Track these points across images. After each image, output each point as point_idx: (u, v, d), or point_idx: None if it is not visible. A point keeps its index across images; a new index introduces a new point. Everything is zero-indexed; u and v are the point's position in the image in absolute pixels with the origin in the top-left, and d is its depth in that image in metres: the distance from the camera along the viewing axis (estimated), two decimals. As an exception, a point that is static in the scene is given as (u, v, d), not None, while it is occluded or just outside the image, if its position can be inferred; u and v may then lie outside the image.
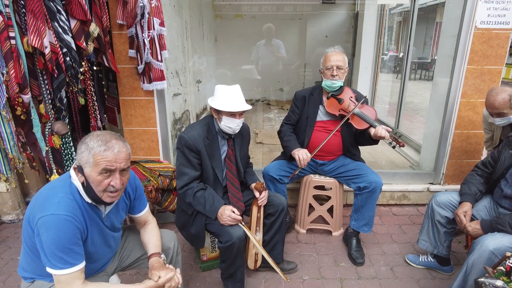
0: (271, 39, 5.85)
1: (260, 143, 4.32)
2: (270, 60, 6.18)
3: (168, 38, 3.35)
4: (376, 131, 2.21)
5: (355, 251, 2.43)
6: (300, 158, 2.30)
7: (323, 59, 2.41)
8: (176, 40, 3.86)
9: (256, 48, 5.92)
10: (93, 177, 1.27)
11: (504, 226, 1.75)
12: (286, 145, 2.43)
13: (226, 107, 1.85)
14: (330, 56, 2.35)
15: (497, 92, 2.14)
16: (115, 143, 1.30)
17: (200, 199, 1.89)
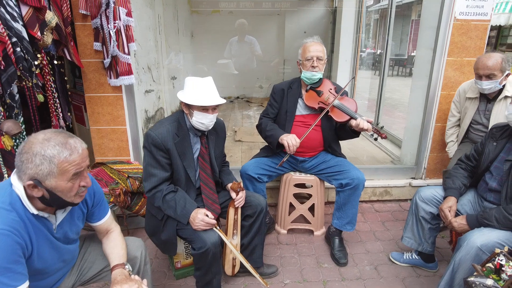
0: (244, 35, 5.69)
1: (239, 141, 4.18)
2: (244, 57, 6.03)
3: (138, 30, 3.17)
4: (357, 123, 2.11)
5: (338, 251, 2.33)
6: (289, 144, 2.14)
7: (301, 50, 2.29)
8: (147, 33, 3.66)
9: (229, 45, 5.73)
10: (61, 186, 1.14)
11: (491, 221, 1.69)
12: (271, 134, 2.27)
13: (197, 101, 1.70)
14: (310, 47, 2.24)
15: (491, 54, 2.18)
16: (73, 143, 1.15)
17: (171, 202, 1.73)
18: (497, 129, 1.91)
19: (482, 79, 2.21)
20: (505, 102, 2.27)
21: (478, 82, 2.26)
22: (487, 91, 2.26)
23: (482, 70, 2.19)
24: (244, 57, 6.04)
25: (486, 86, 2.22)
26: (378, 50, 14.44)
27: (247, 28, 5.66)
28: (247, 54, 5.98)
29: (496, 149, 1.87)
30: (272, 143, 2.28)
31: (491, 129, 1.95)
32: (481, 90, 2.28)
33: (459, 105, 2.57)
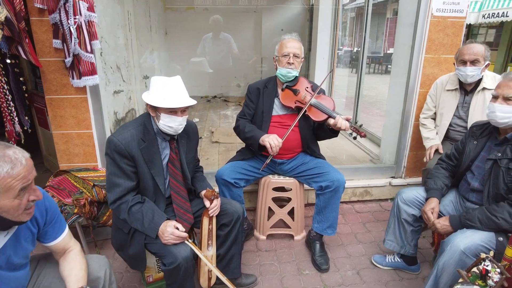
0: (219, 32, 5.53)
1: (216, 142, 4.03)
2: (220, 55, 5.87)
3: (104, 27, 2.96)
4: (336, 122, 2.03)
5: (319, 256, 2.24)
6: (272, 145, 2.04)
7: (278, 46, 2.20)
8: (116, 31, 3.45)
9: (203, 42, 5.56)
10: (7, 205, 1.01)
11: (474, 222, 1.64)
12: (251, 135, 2.15)
13: (164, 103, 1.55)
14: (287, 43, 2.14)
15: (473, 42, 2.24)
16: (13, 154, 1.00)
17: (137, 214, 1.58)
18: (477, 127, 1.87)
19: (467, 65, 2.22)
20: (483, 94, 2.28)
21: (462, 70, 2.25)
22: (470, 78, 2.25)
23: (468, 55, 2.21)
24: (219, 55, 5.88)
25: (470, 73, 2.22)
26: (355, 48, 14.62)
27: (222, 25, 5.51)
28: (223, 52, 5.83)
29: (476, 147, 1.83)
30: (253, 145, 2.17)
31: (471, 127, 1.91)
32: (465, 77, 2.27)
33: (435, 98, 2.56)
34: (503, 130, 1.71)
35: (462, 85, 2.38)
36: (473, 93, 2.34)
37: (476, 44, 2.24)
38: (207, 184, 1.89)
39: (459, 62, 2.28)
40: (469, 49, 2.22)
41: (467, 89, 2.37)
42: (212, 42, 5.52)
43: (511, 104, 1.61)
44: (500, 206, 1.59)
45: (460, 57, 2.27)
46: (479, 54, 2.20)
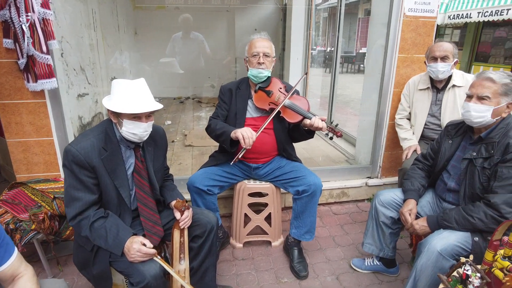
0: (190, 31, 5.37)
1: (190, 145, 3.89)
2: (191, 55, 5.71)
3: (64, 26, 2.77)
4: (312, 122, 1.97)
5: (297, 262, 2.17)
6: (244, 136, 1.90)
7: (248, 46, 2.13)
8: (79, 30, 3.25)
9: (172, 42, 5.38)
10: None
11: (451, 223, 1.62)
12: (222, 131, 2.03)
13: (126, 108, 1.42)
14: (256, 42, 2.07)
15: (442, 41, 2.32)
16: None
17: (100, 230, 1.44)
18: (452, 126, 1.87)
19: (438, 61, 2.28)
20: (453, 91, 2.35)
21: (433, 66, 2.30)
22: (441, 75, 2.30)
23: (438, 52, 2.27)
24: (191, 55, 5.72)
25: (441, 68, 2.27)
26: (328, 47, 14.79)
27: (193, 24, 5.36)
28: (194, 52, 5.67)
29: (452, 147, 1.82)
30: (225, 142, 2.03)
31: (446, 126, 1.91)
32: (436, 73, 2.31)
33: (408, 98, 2.58)
34: (477, 129, 1.71)
35: (433, 83, 2.43)
36: (444, 90, 2.39)
37: (445, 42, 2.31)
38: (177, 194, 1.77)
39: (430, 59, 2.34)
40: (439, 46, 2.29)
41: (438, 87, 2.42)
42: (182, 42, 5.35)
43: (485, 104, 1.60)
44: (476, 206, 1.58)
45: (431, 54, 2.32)
46: (449, 51, 2.26)
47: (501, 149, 1.57)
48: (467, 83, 2.35)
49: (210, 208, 2.12)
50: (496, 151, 1.58)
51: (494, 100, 1.59)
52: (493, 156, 1.59)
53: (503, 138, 1.58)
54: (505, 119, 1.64)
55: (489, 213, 1.53)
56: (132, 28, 6.08)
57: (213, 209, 2.14)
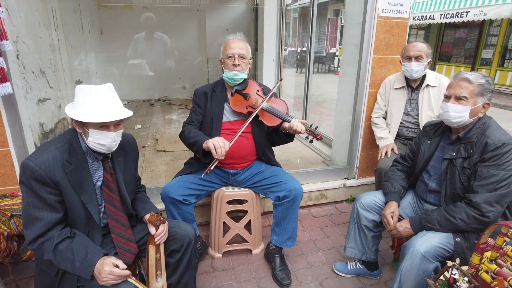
0: (153, 31, 5.18)
1: (162, 150, 3.73)
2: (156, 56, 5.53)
3: (19, 25, 2.54)
4: (292, 125, 1.91)
5: (279, 270, 2.11)
6: (216, 146, 1.80)
7: (223, 48, 2.04)
8: (38, 30, 3.01)
9: (134, 43, 5.16)
10: None
11: (433, 224, 1.62)
12: (195, 141, 1.92)
13: (92, 117, 1.29)
14: (231, 43, 1.99)
15: (418, 41, 2.37)
16: None
17: (66, 253, 1.29)
18: (430, 127, 1.87)
19: (412, 61, 2.32)
20: (428, 90, 2.40)
21: (407, 65, 2.35)
22: (415, 74, 2.34)
23: (413, 51, 2.31)
24: (156, 56, 5.52)
25: (415, 68, 2.32)
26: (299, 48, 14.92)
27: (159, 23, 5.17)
28: (159, 53, 5.47)
29: (430, 147, 1.82)
30: (198, 151, 1.94)
31: (425, 127, 1.91)
32: (410, 72, 2.35)
33: (384, 97, 2.61)
34: (455, 129, 1.71)
35: (408, 82, 2.47)
36: (419, 89, 2.44)
37: (420, 42, 2.37)
38: (151, 207, 1.64)
39: (405, 59, 2.38)
40: (413, 46, 2.33)
41: (413, 86, 2.46)
42: (145, 43, 5.13)
43: (463, 104, 1.61)
44: (458, 206, 1.59)
45: (405, 54, 2.37)
46: (423, 51, 2.31)
47: (480, 149, 1.58)
48: (440, 83, 2.40)
49: (187, 218, 2.01)
50: (475, 151, 1.59)
51: (471, 100, 1.60)
52: (473, 155, 1.59)
53: (481, 138, 1.60)
54: (481, 119, 1.65)
55: (471, 213, 1.54)
56: (97, 28, 5.79)
57: (190, 219, 2.03)
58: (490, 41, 10.03)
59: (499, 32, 9.68)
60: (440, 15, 9.63)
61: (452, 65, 11.11)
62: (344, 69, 3.01)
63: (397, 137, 2.54)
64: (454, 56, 11.26)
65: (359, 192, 3.07)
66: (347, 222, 2.76)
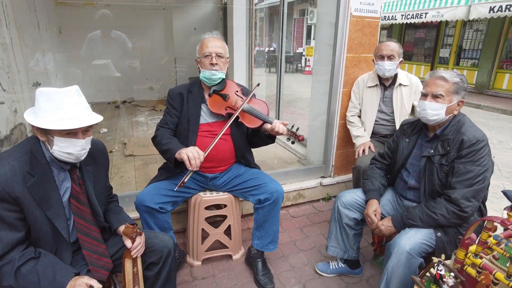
0: (110, 30, 4.94)
1: (131, 155, 3.54)
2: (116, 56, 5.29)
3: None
4: (274, 126, 1.86)
5: (262, 275, 2.05)
6: (190, 157, 1.71)
7: (199, 46, 1.95)
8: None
9: (88, 42, 4.89)
10: None
11: (415, 221, 1.63)
12: (167, 148, 1.82)
13: (58, 124, 1.16)
14: (208, 42, 1.91)
15: (390, 40, 2.40)
16: None
17: (30, 276, 1.16)
18: (408, 125, 1.89)
19: (385, 60, 2.36)
20: (400, 89, 2.46)
21: (380, 64, 2.39)
22: (387, 73, 2.39)
23: (385, 51, 2.36)
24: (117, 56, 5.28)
25: (388, 67, 2.36)
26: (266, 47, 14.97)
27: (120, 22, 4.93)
28: (120, 53, 5.23)
29: (409, 145, 1.84)
30: (170, 160, 1.84)
31: (402, 125, 1.93)
32: (383, 71, 2.39)
33: (358, 95, 2.64)
34: (431, 127, 1.74)
35: (381, 81, 2.51)
36: (391, 88, 2.49)
37: (392, 42, 2.40)
38: (125, 217, 1.52)
39: (377, 58, 2.42)
40: (386, 46, 2.38)
41: (385, 85, 2.51)
42: (101, 42, 4.87)
43: (439, 102, 1.63)
44: (438, 202, 1.61)
45: (378, 53, 2.41)
46: (395, 50, 2.36)
47: (456, 146, 1.61)
48: (411, 83, 2.47)
49: (164, 227, 1.90)
50: (452, 148, 1.62)
51: (447, 98, 1.63)
52: (450, 152, 1.62)
53: (457, 135, 1.63)
54: (456, 116, 1.69)
55: (450, 208, 1.56)
56: (55, 26, 5.42)
57: (167, 228, 1.93)
58: (446, 41, 10.59)
59: (454, 32, 10.25)
60: (402, 16, 10.04)
61: (414, 64, 11.62)
62: (318, 68, 3.01)
63: (373, 134, 2.57)
64: (415, 55, 11.78)
65: (336, 190, 3.09)
66: (326, 221, 2.77)
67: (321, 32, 2.84)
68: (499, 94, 8.95)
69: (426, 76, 1.74)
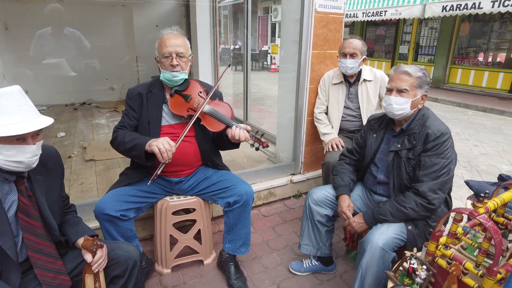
0: (63, 27, 4.64)
1: (92, 160, 3.34)
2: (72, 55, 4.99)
3: None
4: (233, 133, 1.77)
5: (235, 279, 1.99)
6: (161, 150, 1.62)
7: (157, 45, 1.82)
8: None
9: (37, 39, 4.56)
10: None
11: (386, 216, 1.64)
12: (134, 144, 1.70)
13: (4, 130, 1.03)
14: (166, 40, 1.77)
15: (353, 38, 2.42)
16: None
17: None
18: (375, 120, 1.91)
19: (347, 57, 2.38)
20: (365, 85, 2.49)
21: (343, 62, 2.41)
22: (350, 70, 2.42)
23: (348, 48, 2.37)
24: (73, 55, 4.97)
25: (350, 65, 2.38)
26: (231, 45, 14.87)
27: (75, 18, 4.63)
28: (72, 51, 4.93)
29: (376, 140, 1.85)
30: (139, 156, 1.71)
31: (369, 120, 1.94)
32: (345, 69, 2.42)
33: (325, 92, 2.66)
34: (398, 121, 1.76)
35: (346, 78, 2.54)
36: (356, 84, 2.52)
37: (355, 39, 2.42)
38: (84, 229, 1.40)
39: (340, 55, 2.44)
40: (349, 44, 2.39)
41: (350, 81, 2.54)
42: (53, 40, 4.56)
43: (404, 96, 1.65)
44: (407, 196, 1.63)
45: (341, 50, 2.43)
46: (357, 48, 2.38)
47: (422, 139, 1.64)
48: (375, 77, 2.51)
49: (127, 236, 1.78)
50: (418, 142, 1.65)
51: (412, 92, 1.66)
52: (416, 146, 1.65)
53: (422, 129, 1.65)
54: (421, 110, 1.72)
55: (419, 201, 1.59)
56: (0, 23, 5.02)
57: (131, 236, 1.80)
58: (405, 38, 11.05)
59: (412, 30, 10.71)
60: (363, 14, 10.34)
61: (375, 60, 12.02)
62: (284, 66, 2.99)
63: (340, 131, 2.58)
64: (376, 51, 12.20)
65: (306, 186, 3.09)
66: (297, 218, 2.76)
67: (286, 29, 2.82)
68: (454, 88, 9.48)
69: (391, 72, 1.76)
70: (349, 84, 2.54)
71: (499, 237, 1.08)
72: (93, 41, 5.62)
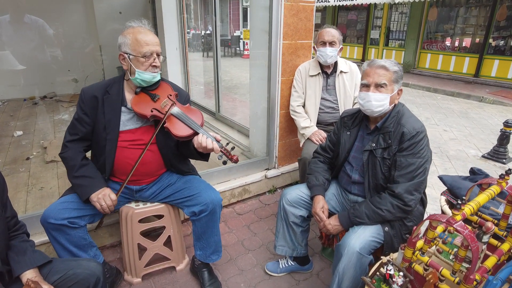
0: (23, 14, 4.28)
1: (53, 161, 3.11)
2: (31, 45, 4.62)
3: None
4: (199, 141, 1.60)
5: (209, 285, 1.91)
6: (103, 206, 1.62)
7: (130, 40, 1.59)
8: None
9: None
10: None
11: (362, 218, 1.59)
12: (78, 184, 1.64)
13: None
14: (145, 37, 1.59)
15: (330, 27, 2.40)
16: None
17: None
18: (348, 117, 1.84)
19: (327, 46, 2.35)
20: (342, 76, 2.47)
21: (322, 50, 2.37)
22: (329, 59, 2.38)
23: (327, 36, 2.35)
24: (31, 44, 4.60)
25: (330, 53, 2.35)
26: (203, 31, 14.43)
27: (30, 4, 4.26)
28: (34, 40, 4.56)
29: (350, 138, 1.79)
30: (80, 197, 1.63)
31: (342, 117, 1.88)
32: (325, 57, 2.37)
33: (302, 85, 2.57)
34: (373, 118, 1.70)
35: (323, 69, 2.48)
36: (333, 75, 2.49)
37: (332, 28, 2.40)
38: (31, 259, 1.23)
39: (319, 44, 2.39)
40: (327, 32, 2.36)
41: (327, 72, 2.49)
42: (12, 28, 4.20)
43: (383, 92, 1.59)
44: (383, 197, 1.58)
45: (320, 39, 2.39)
46: (336, 36, 2.36)
47: (397, 138, 1.58)
48: (350, 69, 2.47)
49: (80, 245, 1.63)
50: (393, 141, 1.59)
51: (390, 87, 1.60)
52: (391, 146, 1.59)
53: (397, 127, 1.60)
54: (396, 106, 1.66)
55: (395, 203, 1.54)
56: None
57: (85, 245, 1.65)
58: (376, 23, 11.11)
59: (383, 15, 10.77)
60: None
61: (347, 45, 12.05)
62: (254, 55, 2.87)
63: (318, 123, 2.52)
64: (348, 36, 12.21)
65: (281, 181, 3.03)
66: (273, 214, 2.71)
67: (255, 15, 2.68)
68: (423, 73, 9.69)
69: (364, 66, 1.68)
70: (326, 75, 2.49)
71: (476, 245, 1.05)
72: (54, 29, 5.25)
